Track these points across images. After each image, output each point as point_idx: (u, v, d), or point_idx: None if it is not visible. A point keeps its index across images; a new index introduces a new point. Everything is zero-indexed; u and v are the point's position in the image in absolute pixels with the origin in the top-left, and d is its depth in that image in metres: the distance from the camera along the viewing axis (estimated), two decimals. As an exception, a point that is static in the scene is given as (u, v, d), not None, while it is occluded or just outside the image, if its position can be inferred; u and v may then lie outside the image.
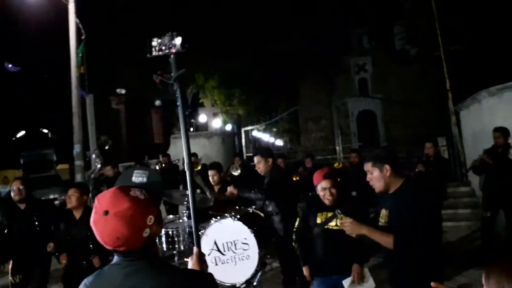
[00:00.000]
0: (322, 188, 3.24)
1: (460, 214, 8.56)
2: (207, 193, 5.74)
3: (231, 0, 16.83)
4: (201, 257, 1.89)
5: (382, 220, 2.63)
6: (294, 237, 3.62)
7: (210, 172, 5.98)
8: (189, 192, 2.16)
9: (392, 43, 22.26)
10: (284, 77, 21.05)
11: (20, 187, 4.54)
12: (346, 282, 3.18)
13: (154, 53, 2.12)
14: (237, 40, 17.30)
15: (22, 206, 4.56)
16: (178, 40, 2.13)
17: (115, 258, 1.48)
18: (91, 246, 4.12)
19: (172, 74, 2.12)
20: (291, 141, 20.37)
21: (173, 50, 2.11)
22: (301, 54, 20.30)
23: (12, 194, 4.63)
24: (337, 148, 11.63)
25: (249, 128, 12.82)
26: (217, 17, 16.70)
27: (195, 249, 1.93)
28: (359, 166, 7.07)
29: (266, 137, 20.07)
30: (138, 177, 1.70)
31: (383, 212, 2.62)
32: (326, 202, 3.23)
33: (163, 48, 2.12)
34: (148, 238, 1.44)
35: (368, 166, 2.65)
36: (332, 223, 3.12)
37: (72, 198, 4.21)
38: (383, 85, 22.34)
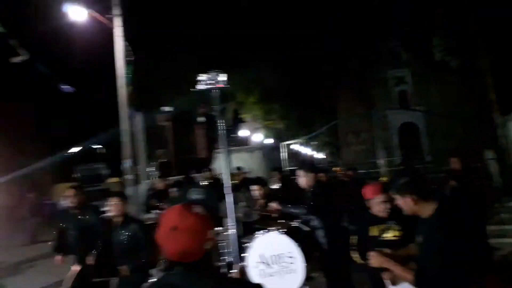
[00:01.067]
0: (380, 201, 3.29)
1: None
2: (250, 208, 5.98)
3: (267, 19, 17.21)
4: (244, 272, 2.05)
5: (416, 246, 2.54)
6: (358, 253, 3.60)
7: (253, 187, 6.19)
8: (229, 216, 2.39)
9: (431, 54, 21.76)
10: (322, 90, 21.11)
11: (73, 194, 5.04)
12: None
13: (200, 87, 2.40)
14: (274, 56, 17.63)
15: (77, 213, 5.03)
16: (223, 77, 2.41)
17: (176, 268, 1.59)
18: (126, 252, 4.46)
19: (215, 107, 2.40)
20: (332, 154, 20.27)
21: (218, 86, 2.38)
22: (338, 67, 20.32)
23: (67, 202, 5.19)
24: (379, 162, 11.55)
25: (289, 142, 12.99)
26: (255, 34, 17.13)
27: (238, 265, 2.15)
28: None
29: (305, 151, 20.11)
30: (195, 194, 1.95)
31: (417, 239, 2.51)
32: (383, 214, 3.28)
33: (209, 83, 2.41)
34: (207, 250, 1.60)
35: (392, 195, 2.58)
36: (387, 235, 3.20)
37: (114, 206, 4.51)
38: (424, 97, 21.83)
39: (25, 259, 10.50)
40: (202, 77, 2.41)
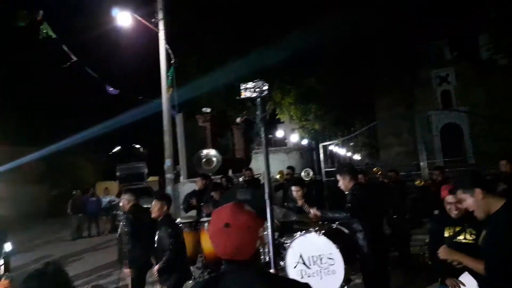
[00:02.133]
0: (448, 202, 3.33)
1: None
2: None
3: (301, 20, 17.14)
4: None
5: (480, 239, 2.58)
6: (427, 253, 3.71)
7: (293, 188, 6.24)
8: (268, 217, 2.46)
9: (476, 53, 20.88)
10: (361, 90, 20.79)
11: (127, 199, 5.30)
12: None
13: (242, 96, 2.49)
14: (312, 55, 17.54)
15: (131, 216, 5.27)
16: (265, 86, 2.49)
17: (227, 267, 1.61)
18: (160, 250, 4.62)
19: (258, 114, 2.47)
20: (370, 155, 19.89)
21: (261, 95, 2.46)
22: (377, 66, 19.94)
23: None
24: (421, 164, 11.26)
25: (327, 143, 12.88)
26: (292, 35, 17.12)
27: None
28: (442, 184, 6.87)
29: (343, 152, 19.87)
30: (242, 195, 1.99)
31: (483, 232, 2.54)
32: (453, 215, 3.30)
33: (251, 92, 2.49)
34: (257, 248, 1.61)
35: (459, 195, 2.59)
36: (461, 237, 3.14)
37: (155, 208, 4.74)
38: (468, 97, 20.97)
39: (69, 254, 11.04)
40: (246, 85, 2.50)
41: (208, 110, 17.68)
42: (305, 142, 18.87)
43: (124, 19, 11.77)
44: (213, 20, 17.06)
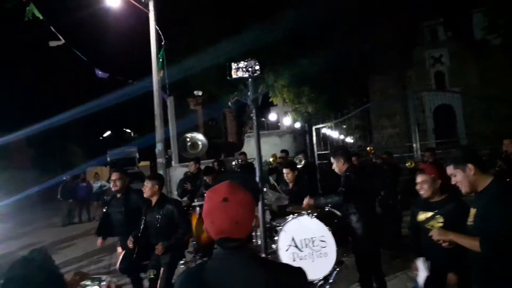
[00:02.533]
0: (417, 182, 3.30)
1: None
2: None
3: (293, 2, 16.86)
4: None
5: (469, 220, 2.56)
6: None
7: (285, 171, 6.20)
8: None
9: (470, 33, 20.71)
10: (353, 72, 20.64)
11: (116, 178, 5.15)
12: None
13: (234, 76, 2.35)
14: (304, 38, 17.31)
15: (119, 195, 5.18)
16: (256, 66, 2.35)
17: (219, 250, 1.56)
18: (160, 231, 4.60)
19: (249, 95, 2.34)
20: (363, 138, 19.86)
21: (252, 74, 2.32)
22: (371, 48, 19.75)
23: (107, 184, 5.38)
24: (414, 145, 11.23)
25: (320, 126, 12.79)
26: (285, 17, 16.84)
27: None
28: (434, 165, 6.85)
29: (336, 134, 19.81)
30: (235, 179, 1.89)
31: (472, 211, 2.55)
32: (421, 193, 3.29)
33: (243, 71, 2.35)
34: (252, 228, 1.58)
35: (450, 170, 2.60)
36: (430, 223, 3.14)
37: (147, 188, 4.68)
38: (462, 78, 20.91)
39: (59, 240, 10.96)
40: (237, 64, 2.36)
41: (200, 93, 17.45)
42: (298, 125, 18.76)
43: (113, -1, 11.42)
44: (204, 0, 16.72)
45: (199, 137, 9.70)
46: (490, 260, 2.37)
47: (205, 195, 1.72)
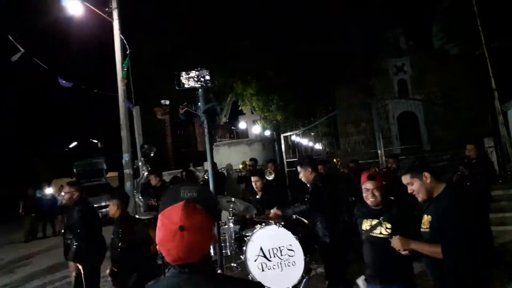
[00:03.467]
0: (366, 189, 3.23)
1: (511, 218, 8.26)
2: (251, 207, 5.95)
3: (263, 9, 17.06)
4: None
5: (423, 226, 2.62)
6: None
7: (253, 179, 6.20)
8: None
9: (430, 43, 21.59)
10: (320, 81, 21.04)
11: (68, 191, 4.95)
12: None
13: (185, 86, 2.33)
14: (273, 46, 17.51)
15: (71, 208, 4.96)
16: (207, 75, 2.34)
17: (174, 271, 1.50)
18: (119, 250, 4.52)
19: (200, 106, 2.34)
20: (330, 145, 20.22)
21: (204, 84, 2.32)
22: (336, 57, 20.22)
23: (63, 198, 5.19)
24: (378, 151, 11.52)
25: (288, 134, 12.91)
26: (252, 26, 17.01)
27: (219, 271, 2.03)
28: (397, 171, 7.06)
29: (305, 142, 20.05)
30: (187, 193, 1.80)
31: (425, 217, 2.60)
32: (369, 203, 3.23)
33: (194, 81, 2.34)
34: (209, 248, 1.53)
35: (407, 179, 2.65)
36: (377, 231, 3.12)
37: (112, 208, 4.68)
38: (423, 86, 21.78)
39: (21, 257, 10.50)
40: (188, 74, 2.34)
41: (167, 102, 17.26)
42: (267, 133, 18.87)
43: (75, 8, 11.18)
44: (171, 8, 16.62)
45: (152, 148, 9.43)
46: (451, 265, 2.42)
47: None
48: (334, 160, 8.78)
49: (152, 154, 10.62)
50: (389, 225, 3.06)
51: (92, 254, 4.75)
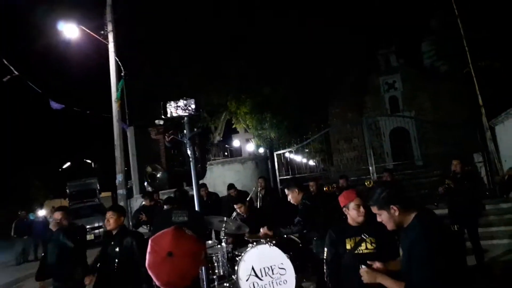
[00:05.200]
0: (356, 205, 3.20)
1: (502, 232, 8.35)
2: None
3: (256, 25, 17.38)
4: None
5: (401, 260, 2.49)
6: (325, 268, 3.44)
7: (236, 206, 6.25)
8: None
9: (421, 61, 22.05)
10: (313, 98, 21.32)
11: (59, 216, 4.91)
12: None
13: (173, 114, 2.44)
14: (267, 65, 17.79)
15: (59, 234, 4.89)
16: (192, 105, 2.46)
17: None
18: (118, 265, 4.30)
19: (185, 133, 2.45)
20: (324, 161, 20.34)
21: (187, 113, 2.43)
22: (329, 75, 20.55)
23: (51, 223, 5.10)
24: (370, 168, 11.65)
25: (281, 151, 13.03)
26: (245, 44, 17.32)
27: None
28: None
29: (298, 159, 20.18)
30: (178, 217, 1.89)
31: (400, 251, 2.50)
32: (359, 219, 3.19)
33: (182, 110, 2.45)
34: (198, 273, 1.57)
35: (374, 210, 2.54)
36: (362, 247, 3.13)
37: (110, 220, 4.42)
38: (414, 102, 22.14)
39: (13, 280, 10.36)
40: (176, 103, 2.46)
41: (161, 122, 17.37)
42: (261, 150, 18.99)
43: (71, 31, 11.40)
44: (165, 29, 16.90)
45: (158, 169, 9.59)
46: None
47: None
48: (325, 189, 8.72)
49: (158, 175, 10.70)
50: (373, 239, 3.09)
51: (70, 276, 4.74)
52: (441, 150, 15.98)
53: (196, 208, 2.44)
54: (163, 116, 2.41)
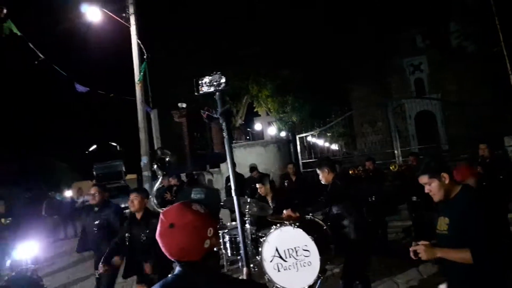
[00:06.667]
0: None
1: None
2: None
3: (279, 9, 17.12)
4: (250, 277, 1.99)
5: (440, 228, 2.57)
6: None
7: (257, 185, 6.33)
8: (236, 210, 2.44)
9: (448, 41, 21.25)
10: (335, 81, 20.97)
11: (94, 192, 5.14)
12: None
13: (201, 91, 2.44)
14: (287, 47, 17.56)
15: (96, 209, 5.14)
16: (222, 79, 2.45)
17: (177, 269, 1.59)
18: (147, 247, 4.41)
19: (218, 109, 2.44)
20: (347, 145, 20.09)
21: (219, 88, 2.42)
22: (351, 57, 20.12)
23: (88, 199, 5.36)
24: (395, 151, 11.46)
25: (304, 134, 12.95)
26: (267, 26, 17.09)
27: (245, 270, 2.09)
28: (417, 170, 7.03)
29: (321, 142, 20.02)
30: (196, 194, 1.99)
31: (442, 219, 2.56)
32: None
33: (210, 86, 2.45)
34: (207, 249, 1.57)
35: (424, 179, 2.60)
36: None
37: (134, 201, 4.56)
38: (440, 84, 21.45)
39: (44, 258, 10.76)
40: (203, 80, 2.44)
41: (184, 105, 17.51)
42: (283, 134, 18.92)
43: (93, 14, 11.49)
44: (186, 12, 16.86)
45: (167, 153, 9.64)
46: (481, 268, 2.34)
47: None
48: (352, 171, 8.65)
49: (167, 159, 10.78)
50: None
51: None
52: (468, 133, 15.52)
53: (233, 188, 2.44)
54: (195, 93, 2.39)
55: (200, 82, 2.45)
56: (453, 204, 2.52)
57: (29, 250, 3.85)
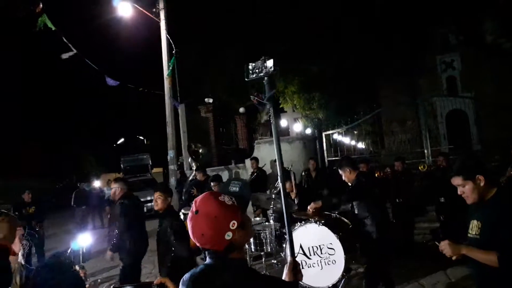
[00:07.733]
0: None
1: None
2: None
3: (307, 5, 16.95)
4: (295, 267, 1.98)
5: (472, 232, 2.47)
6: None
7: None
8: (282, 199, 2.41)
9: (482, 37, 20.47)
10: (363, 78, 20.58)
11: (113, 186, 5.26)
12: None
13: (250, 77, 2.42)
14: (315, 43, 17.37)
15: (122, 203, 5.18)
16: (269, 63, 2.41)
17: (207, 259, 1.64)
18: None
19: (266, 94, 2.41)
20: (374, 143, 19.68)
21: (266, 72, 2.39)
22: (381, 54, 19.70)
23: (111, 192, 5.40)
24: (425, 151, 11.16)
25: (330, 132, 12.79)
26: (293, 23, 16.96)
27: (289, 258, 2.05)
28: (447, 170, 6.83)
29: (347, 140, 19.72)
30: (233, 186, 1.98)
31: (474, 223, 2.46)
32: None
33: (258, 71, 2.42)
34: (230, 241, 1.57)
35: (458, 181, 2.47)
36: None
37: (158, 201, 4.57)
38: (474, 83, 20.67)
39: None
40: (250, 66, 2.41)
41: (211, 100, 17.63)
42: (309, 131, 18.76)
43: (124, 9, 11.68)
44: (214, 7, 16.93)
45: (200, 146, 9.79)
46: (506, 274, 2.27)
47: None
48: (361, 165, 8.38)
49: (201, 151, 10.95)
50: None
51: (133, 248, 4.96)
52: (502, 134, 14.93)
53: (281, 187, 2.41)
54: (246, 79, 2.38)
55: (249, 67, 2.43)
56: (487, 207, 2.39)
57: (84, 240, 3.96)
